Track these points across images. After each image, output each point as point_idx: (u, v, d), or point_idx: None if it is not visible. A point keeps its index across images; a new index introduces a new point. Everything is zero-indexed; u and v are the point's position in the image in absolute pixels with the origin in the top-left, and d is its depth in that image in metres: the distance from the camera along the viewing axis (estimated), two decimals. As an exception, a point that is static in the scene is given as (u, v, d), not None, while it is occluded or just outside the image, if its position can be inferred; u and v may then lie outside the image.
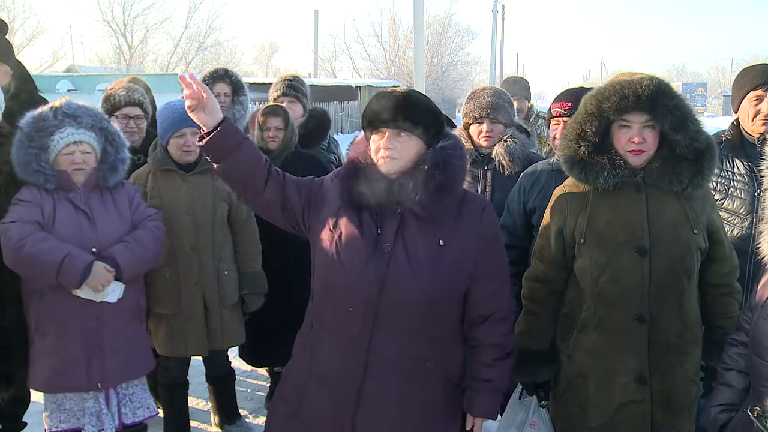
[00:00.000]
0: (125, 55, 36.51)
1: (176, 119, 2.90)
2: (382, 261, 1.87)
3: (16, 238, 2.37)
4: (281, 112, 3.38)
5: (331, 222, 1.95)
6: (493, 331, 1.95)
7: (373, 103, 1.95)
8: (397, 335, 1.89)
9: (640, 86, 1.95)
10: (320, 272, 1.99)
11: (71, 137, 2.51)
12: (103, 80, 13.97)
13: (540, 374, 2.21)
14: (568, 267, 2.14)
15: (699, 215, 2.04)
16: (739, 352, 1.78)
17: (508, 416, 2.40)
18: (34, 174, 2.48)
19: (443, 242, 1.89)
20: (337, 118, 19.00)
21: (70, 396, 2.57)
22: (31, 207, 2.46)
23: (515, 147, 2.89)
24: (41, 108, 2.55)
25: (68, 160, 2.51)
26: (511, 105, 3.07)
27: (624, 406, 2.05)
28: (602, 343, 2.06)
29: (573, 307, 2.14)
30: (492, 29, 28.61)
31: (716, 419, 1.75)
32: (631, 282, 2.00)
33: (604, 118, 2.01)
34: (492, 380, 1.95)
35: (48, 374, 2.51)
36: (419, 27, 9.91)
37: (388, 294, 1.86)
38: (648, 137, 1.99)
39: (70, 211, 2.51)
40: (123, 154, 2.66)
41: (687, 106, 2.01)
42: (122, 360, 2.59)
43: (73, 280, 2.39)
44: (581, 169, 2.05)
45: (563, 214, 2.13)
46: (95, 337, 2.52)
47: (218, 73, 4.19)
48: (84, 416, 2.57)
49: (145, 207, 2.74)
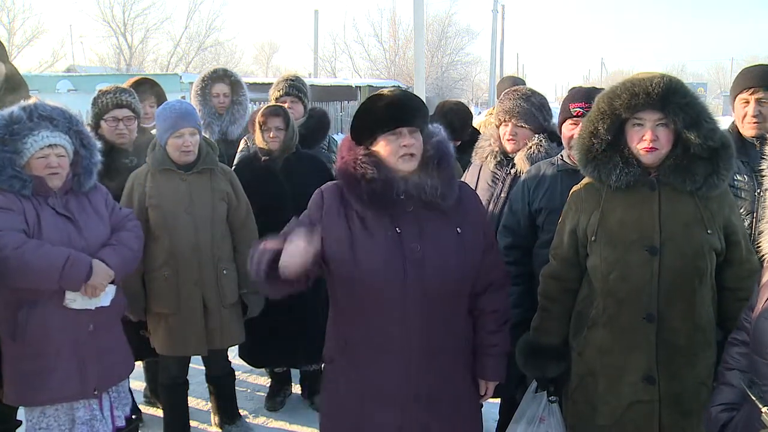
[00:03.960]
0: (125, 55, 36.47)
1: (174, 120, 2.90)
2: (415, 262, 1.90)
3: (11, 246, 2.26)
4: (282, 112, 3.37)
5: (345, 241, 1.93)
6: (494, 298, 2.10)
7: (379, 107, 1.95)
8: (441, 325, 1.96)
9: (650, 84, 1.94)
10: (349, 293, 1.97)
11: (46, 140, 2.37)
12: (103, 80, 13.97)
13: (549, 369, 2.24)
14: (581, 265, 2.16)
15: (715, 215, 2.02)
16: (740, 352, 1.77)
17: (521, 410, 2.42)
18: (10, 180, 2.35)
19: (460, 230, 1.98)
20: (337, 118, 18.97)
21: (50, 412, 2.46)
22: (13, 215, 2.34)
23: (538, 155, 2.76)
24: (10, 109, 2.41)
25: (42, 164, 2.38)
26: (542, 109, 2.89)
27: (632, 405, 2.04)
28: (611, 340, 2.07)
29: (585, 305, 2.15)
30: (492, 29, 28.63)
31: (717, 418, 1.75)
32: (639, 280, 2.00)
33: (616, 116, 2.01)
34: (498, 345, 2.10)
35: (36, 388, 2.40)
36: (419, 27, 9.91)
37: (430, 292, 1.91)
38: (661, 135, 1.98)
39: (54, 218, 2.42)
40: (96, 157, 2.57)
41: (700, 103, 1.99)
42: (114, 361, 2.58)
43: (77, 281, 2.35)
44: (594, 167, 2.06)
45: (578, 212, 2.14)
46: (90, 343, 2.47)
47: (217, 73, 4.20)
48: (74, 427, 2.48)
49: (120, 207, 2.71)
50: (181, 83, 14.50)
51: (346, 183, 1.97)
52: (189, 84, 16.45)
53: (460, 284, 1.99)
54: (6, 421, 2.96)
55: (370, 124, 1.96)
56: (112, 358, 2.57)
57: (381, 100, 1.96)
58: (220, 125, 4.06)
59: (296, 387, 3.89)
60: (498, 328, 2.10)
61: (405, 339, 1.93)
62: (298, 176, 3.31)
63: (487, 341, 2.10)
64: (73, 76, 17.41)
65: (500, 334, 2.11)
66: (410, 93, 2.04)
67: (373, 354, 1.97)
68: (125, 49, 36.65)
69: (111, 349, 2.56)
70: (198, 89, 4.12)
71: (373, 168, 1.92)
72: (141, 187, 2.98)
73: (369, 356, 1.97)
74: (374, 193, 1.91)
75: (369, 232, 1.92)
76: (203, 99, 4.10)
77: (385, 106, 1.94)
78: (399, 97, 1.96)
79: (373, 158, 1.94)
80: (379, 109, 1.94)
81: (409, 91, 2.07)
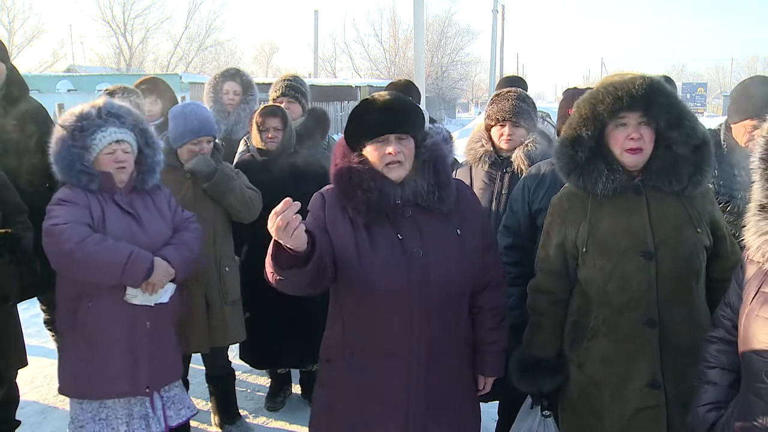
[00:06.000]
0: (125, 55, 36.50)
1: (195, 129, 2.94)
2: (419, 266, 1.89)
3: (75, 239, 2.28)
4: (279, 112, 3.37)
5: (350, 247, 1.91)
6: (493, 296, 2.11)
7: (367, 112, 1.93)
8: (444, 327, 1.96)
9: (633, 86, 1.92)
10: (353, 295, 1.95)
11: (114, 135, 2.42)
12: (103, 80, 13.97)
13: (545, 384, 2.18)
14: (570, 277, 2.13)
15: (701, 213, 2.02)
16: (719, 349, 1.77)
17: (517, 426, 2.40)
18: (78, 174, 2.39)
19: (460, 231, 1.98)
20: (337, 118, 19.02)
21: (110, 404, 2.50)
22: (80, 209, 2.37)
23: (536, 152, 2.86)
24: (81, 106, 2.46)
25: (110, 159, 2.43)
26: (535, 110, 3.04)
27: (639, 412, 2.02)
28: (613, 350, 2.03)
29: (581, 315, 2.11)
30: (492, 29, 28.63)
31: (705, 418, 1.74)
32: (638, 287, 1.97)
33: (598, 121, 1.98)
34: (497, 341, 2.12)
35: (92, 381, 2.43)
36: (419, 27, 9.92)
37: (434, 296, 1.91)
38: (645, 135, 1.96)
39: (118, 214, 2.45)
40: (159, 156, 2.61)
41: (681, 103, 1.98)
42: (166, 363, 2.59)
43: (138, 277, 2.36)
44: (579, 176, 2.02)
45: (563, 224, 2.10)
46: (145, 340, 2.48)
47: (230, 72, 4.29)
48: (132, 421, 2.51)
49: (182, 210, 2.73)
50: (181, 83, 14.51)
51: (342, 193, 1.94)
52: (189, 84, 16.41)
53: (463, 285, 1.99)
54: (6, 421, 2.97)
55: (358, 130, 1.94)
56: (165, 358, 2.58)
57: (370, 105, 1.93)
58: (227, 124, 4.09)
59: (296, 387, 3.88)
60: (497, 325, 2.11)
61: (409, 342, 1.92)
62: (296, 176, 3.31)
63: (486, 338, 2.10)
64: (73, 76, 17.44)
65: (499, 330, 2.12)
66: (403, 98, 2.00)
67: (376, 357, 1.95)
68: (125, 49, 36.68)
69: (164, 349, 2.58)
70: (210, 87, 4.20)
71: (368, 175, 1.90)
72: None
73: (372, 359, 1.96)
74: (371, 203, 1.89)
75: (372, 236, 1.91)
76: (215, 96, 4.18)
77: (372, 112, 1.91)
78: (389, 103, 1.92)
79: (368, 165, 1.92)
80: (367, 116, 1.92)
81: (402, 96, 2.01)
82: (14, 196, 2.70)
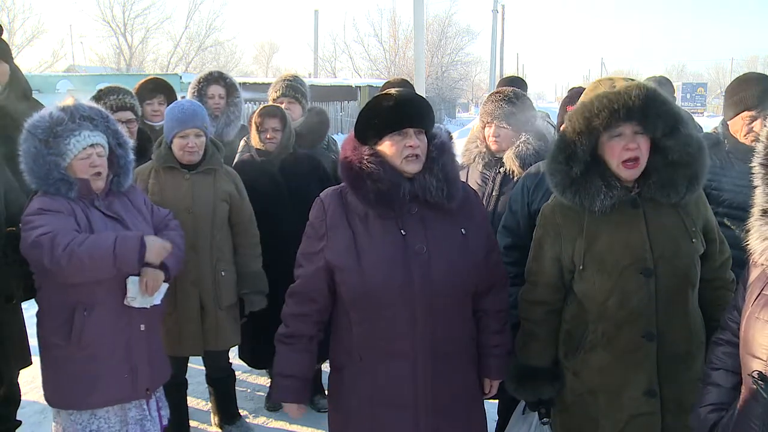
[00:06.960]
0: (125, 55, 36.47)
1: (180, 119, 2.92)
2: (421, 263, 1.89)
3: (64, 243, 2.19)
4: (278, 112, 3.37)
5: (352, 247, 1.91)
6: (498, 299, 2.12)
7: (385, 107, 1.93)
8: (448, 327, 1.96)
9: (629, 97, 1.86)
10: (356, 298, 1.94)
11: (88, 140, 2.34)
12: (103, 80, 13.98)
13: (544, 392, 2.16)
14: (565, 287, 2.11)
15: (695, 219, 2.01)
16: (725, 351, 1.77)
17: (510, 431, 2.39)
18: (57, 183, 2.30)
19: (464, 231, 1.98)
20: (337, 118, 18.99)
21: (101, 414, 2.43)
22: (65, 217, 2.29)
23: (527, 152, 2.82)
24: (49, 110, 2.37)
25: (85, 164, 2.34)
26: (528, 109, 2.95)
27: (634, 418, 2.02)
28: (611, 361, 2.02)
29: (575, 324, 2.09)
30: (492, 29, 28.64)
31: (706, 419, 1.74)
32: (638, 303, 1.95)
33: (593, 136, 1.93)
34: (502, 344, 2.13)
35: (89, 391, 2.37)
36: (419, 27, 9.92)
37: (437, 295, 1.91)
38: (641, 144, 1.92)
39: (103, 219, 2.39)
40: (130, 156, 2.55)
41: (675, 108, 1.95)
42: (161, 363, 2.60)
43: (132, 257, 2.28)
44: (575, 193, 1.96)
45: (557, 238, 2.06)
46: (142, 343, 2.46)
47: (213, 75, 4.21)
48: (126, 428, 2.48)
49: (158, 208, 2.70)
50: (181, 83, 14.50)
51: (350, 182, 1.94)
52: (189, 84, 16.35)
53: (466, 285, 1.99)
54: (6, 421, 2.97)
55: (377, 123, 1.93)
56: (160, 359, 2.59)
57: (388, 99, 1.93)
58: (216, 126, 4.07)
59: (296, 387, 3.88)
60: (502, 328, 2.13)
61: (413, 343, 1.92)
62: (295, 177, 3.31)
63: (491, 341, 2.11)
64: (73, 76, 17.40)
65: (504, 333, 2.13)
66: (417, 94, 2.05)
67: (382, 359, 1.95)
68: (125, 49, 36.65)
69: (158, 349, 2.58)
70: (194, 91, 4.12)
71: (380, 167, 1.90)
72: (144, 184, 2.99)
73: (378, 362, 1.95)
74: (380, 193, 1.89)
75: (373, 235, 1.91)
76: (199, 100, 4.09)
77: (393, 106, 1.92)
78: (407, 97, 1.96)
79: (379, 158, 1.92)
80: (387, 109, 1.92)
81: (415, 92, 2.08)
82: (20, 197, 2.69)
